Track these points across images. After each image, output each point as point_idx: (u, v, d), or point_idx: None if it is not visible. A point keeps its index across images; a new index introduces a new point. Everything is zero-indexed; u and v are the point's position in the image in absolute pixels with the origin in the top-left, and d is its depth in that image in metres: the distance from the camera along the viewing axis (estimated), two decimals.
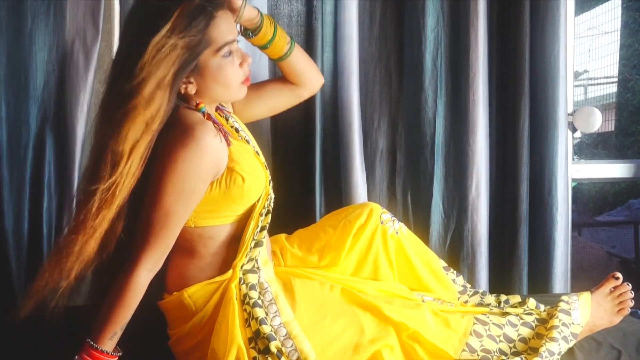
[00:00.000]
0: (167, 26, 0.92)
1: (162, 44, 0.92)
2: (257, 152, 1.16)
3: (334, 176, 1.66)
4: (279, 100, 1.30)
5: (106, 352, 1.00)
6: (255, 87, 1.26)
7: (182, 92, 1.04)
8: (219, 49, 1.02)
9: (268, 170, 1.15)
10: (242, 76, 1.08)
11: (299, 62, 1.26)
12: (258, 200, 1.10)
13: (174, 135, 0.98)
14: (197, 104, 1.06)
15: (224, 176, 1.04)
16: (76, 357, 0.99)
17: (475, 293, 1.35)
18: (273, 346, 1.03)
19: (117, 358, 1.02)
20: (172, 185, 0.97)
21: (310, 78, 1.29)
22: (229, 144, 1.04)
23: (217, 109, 1.16)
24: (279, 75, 1.30)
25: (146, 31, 0.93)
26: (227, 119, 1.17)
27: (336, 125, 1.64)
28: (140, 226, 1.00)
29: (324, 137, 1.65)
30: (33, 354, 1.19)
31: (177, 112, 1.02)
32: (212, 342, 1.06)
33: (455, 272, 1.37)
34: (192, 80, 1.03)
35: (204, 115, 1.05)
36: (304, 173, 1.64)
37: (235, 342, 1.03)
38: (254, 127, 1.66)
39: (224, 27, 1.02)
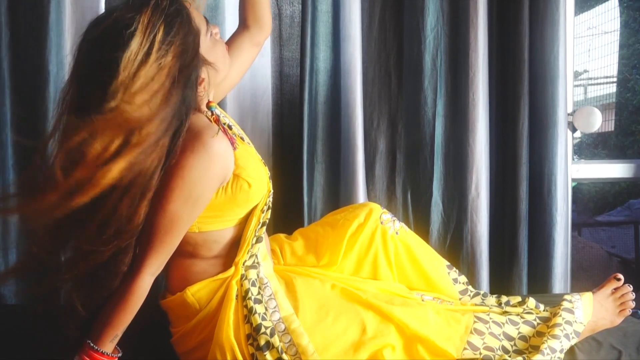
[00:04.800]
0: (139, 37, 0.87)
1: (145, 56, 0.87)
2: (245, 141, 1.15)
3: (334, 176, 1.66)
4: (243, 58, 1.26)
5: (106, 353, 0.99)
6: None
7: (201, 94, 1.02)
8: (206, 31, 1.02)
9: (266, 167, 1.15)
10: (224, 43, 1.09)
11: None
12: (261, 198, 1.10)
13: (182, 140, 0.96)
14: (208, 103, 1.05)
15: (230, 183, 1.04)
16: (75, 357, 0.98)
17: (477, 294, 1.34)
18: (273, 341, 1.03)
19: (116, 359, 1.02)
20: (179, 191, 0.96)
21: (265, 13, 1.26)
22: (234, 149, 1.03)
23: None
24: (243, 42, 1.27)
25: (114, 46, 0.87)
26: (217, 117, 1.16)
27: (337, 126, 1.64)
28: (145, 231, 0.98)
29: (324, 138, 1.65)
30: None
31: None
32: (215, 339, 1.06)
33: (457, 271, 1.37)
34: (203, 75, 1.02)
35: (212, 115, 1.04)
36: (302, 173, 1.65)
37: (228, 342, 1.04)
38: (254, 127, 1.67)
39: (193, 9, 1.01)
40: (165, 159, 0.93)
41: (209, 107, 1.06)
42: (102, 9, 1.56)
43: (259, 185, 1.08)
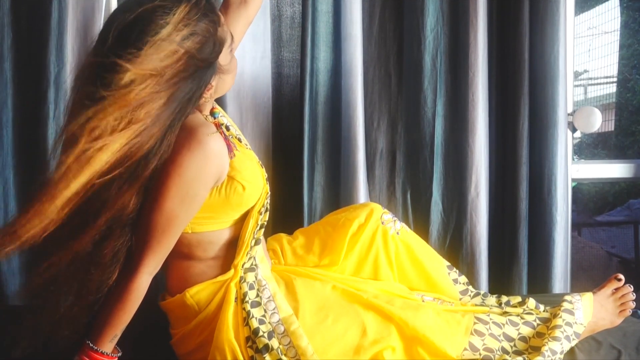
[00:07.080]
0: (170, 26, 0.88)
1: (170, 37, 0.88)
2: (243, 143, 1.15)
3: (334, 176, 1.66)
4: (238, 38, 1.22)
5: (106, 353, 0.99)
6: None
7: (206, 99, 1.03)
8: (229, 44, 1.02)
9: (263, 169, 1.15)
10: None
11: None
12: (257, 201, 1.10)
13: (178, 138, 0.96)
14: (212, 109, 1.06)
15: (224, 184, 1.04)
16: (75, 358, 0.99)
17: (477, 295, 1.34)
18: (271, 344, 1.03)
19: (116, 359, 1.02)
20: (175, 189, 0.96)
21: None
22: (232, 157, 1.03)
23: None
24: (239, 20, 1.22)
25: (144, 32, 0.88)
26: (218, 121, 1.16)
27: (338, 126, 1.65)
28: (142, 230, 0.99)
29: (324, 138, 1.65)
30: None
31: None
32: (215, 342, 1.06)
33: (457, 271, 1.37)
34: (213, 83, 1.01)
35: (214, 120, 1.05)
36: (302, 173, 1.65)
37: (228, 344, 1.04)
38: (254, 128, 1.67)
39: (223, 20, 1.01)
40: (158, 149, 0.92)
41: (212, 113, 1.06)
42: (103, 9, 1.56)
43: (253, 188, 1.07)
